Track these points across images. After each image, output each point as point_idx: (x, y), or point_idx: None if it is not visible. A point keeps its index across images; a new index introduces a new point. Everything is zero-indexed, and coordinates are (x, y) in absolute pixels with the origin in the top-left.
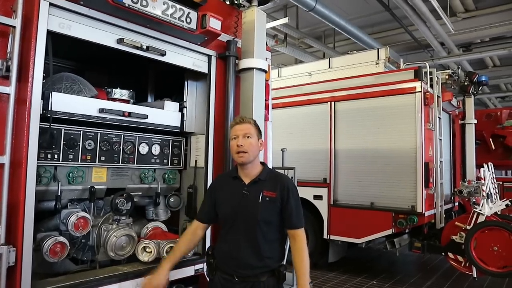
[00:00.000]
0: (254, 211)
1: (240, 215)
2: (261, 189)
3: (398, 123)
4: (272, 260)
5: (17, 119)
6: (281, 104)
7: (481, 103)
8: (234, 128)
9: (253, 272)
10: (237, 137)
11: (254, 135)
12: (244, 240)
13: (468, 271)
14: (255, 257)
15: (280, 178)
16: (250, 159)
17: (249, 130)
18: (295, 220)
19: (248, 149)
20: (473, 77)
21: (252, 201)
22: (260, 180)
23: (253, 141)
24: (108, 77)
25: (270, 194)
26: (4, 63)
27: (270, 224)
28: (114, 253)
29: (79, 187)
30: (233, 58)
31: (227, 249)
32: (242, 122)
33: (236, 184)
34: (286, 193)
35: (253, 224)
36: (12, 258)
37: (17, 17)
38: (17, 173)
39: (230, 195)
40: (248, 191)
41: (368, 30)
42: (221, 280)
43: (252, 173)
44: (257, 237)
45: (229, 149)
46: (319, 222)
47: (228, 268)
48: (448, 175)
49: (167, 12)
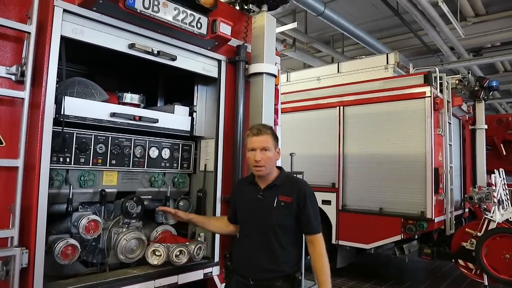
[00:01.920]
0: (268, 216)
1: (255, 220)
2: (276, 194)
3: (408, 128)
4: (287, 265)
5: (31, 123)
6: (289, 108)
7: (491, 108)
8: (251, 140)
9: (267, 276)
10: (254, 150)
11: (271, 147)
12: (260, 245)
13: (479, 278)
14: (270, 261)
15: (297, 183)
16: (267, 172)
17: (267, 144)
18: (313, 225)
19: (265, 163)
20: (483, 82)
21: (267, 205)
22: (275, 185)
23: (270, 154)
24: (119, 81)
25: (286, 199)
26: (19, 68)
27: (285, 228)
28: (124, 256)
29: (90, 190)
30: (243, 63)
31: (243, 253)
32: (260, 134)
33: (252, 189)
34: (303, 198)
35: (268, 228)
36: (25, 260)
37: (32, 23)
38: (31, 176)
39: (247, 200)
40: (263, 196)
41: (377, 34)
42: (237, 283)
43: (268, 178)
44: (272, 242)
45: (239, 153)
46: (328, 227)
47: (244, 271)
48: (458, 181)
49: (178, 18)
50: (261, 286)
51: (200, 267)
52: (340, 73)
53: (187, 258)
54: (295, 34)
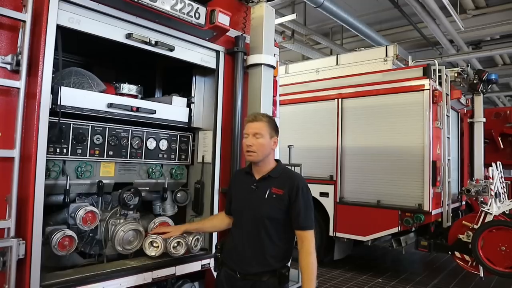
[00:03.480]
0: (259, 207)
1: (246, 210)
2: (269, 185)
3: (406, 120)
4: (275, 260)
5: (27, 113)
6: (288, 100)
7: (490, 102)
8: (247, 126)
9: (254, 270)
10: (247, 136)
11: (265, 134)
12: (249, 236)
13: (475, 270)
14: (257, 254)
15: (291, 176)
16: (259, 158)
17: (260, 130)
18: (303, 221)
19: (256, 149)
20: (482, 75)
21: (258, 196)
22: (270, 177)
23: (263, 141)
24: (116, 72)
25: (278, 191)
26: (14, 57)
27: (275, 221)
28: (121, 247)
29: (87, 182)
30: (241, 54)
31: (232, 244)
32: (255, 120)
33: (247, 179)
34: (295, 192)
35: (258, 220)
36: (22, 251)
37: (27, 12)
38: (27, 167)
39: (241, 190)
40: (256, 187)
41: (377, 27)
42: (225, 275)
43: (263, 169)
44: (261, 235)
45: (237, 145)
46: (325, 219)
47: (232, 264)
48: (455, 173)
49: (176, 7)
50: (247, 280)
51: (198, 259)
52: (339, 65)
53: (184, 249)
54: (294, 26)
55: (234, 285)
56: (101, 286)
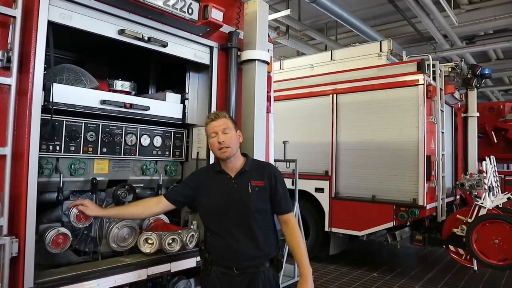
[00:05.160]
0: (246, 202)
1: (231, 208)
2: (248, 179)
3: (400, 116)
4: (270, 248)
5: (19, 110)
6: (282, 96)
7: (483, 96)
8: (210, 125)
9: (253, 262)
10: (216, 133)
11: (232, 129)
12: (240, 232)
13: (468, 263)
14: (254, 246)
15: (265, 166)
16: (233, 152)
17: (227, 125)
18: (285, 205)
19: (229, 143)
20: (476, 70)
21: (242, 192)
22: (246, 171)
23: (232, 135)
24: (109, 68)
25: (258, 183)
26: (5, 54)
27: (263, 212)
28: (116, 244)
29: (81, 179)
30: (235, 50)
31: (224, 243)
32: (218, 118)
33: (221, 178)
34: (274, 180)
35: (247, 214)
36: (15, 249)
37: (17, 7)
38: (19, 164)
39: (217, 189)
40: (236, 183)
41: (371, 22)
42: (218, 274)
43: (236, 165)
44: (253, 227)
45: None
46: (320, 214)
47: (226, 261)
48: (449, 168)
49: (169, 3)
50: (246, 274)
51: (193, 255)
52: (333, 60)
53: (179, 246)
54: (288, 22)
55: (231, 281)
56: (96, 283)
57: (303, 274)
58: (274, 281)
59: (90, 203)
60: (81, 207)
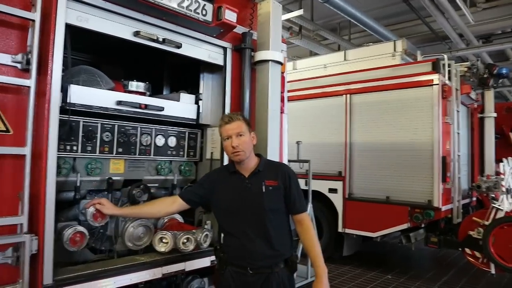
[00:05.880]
0: (260, 202)
1: (245, 208)
2: (262, 179)
3: (415, 116)
4: (284, 248)
5: (37, 111)
6: (296, 97)
7: (501, 96)
8: (224, 128)
9: (268, 262)
10: (230, 137)
11: (246, 132)
12: (255, 232)
13: (486, 267)
14: (268, 246)
15: (279, 166)
16: (246, 156)
17: (241, 128)
18: (299, 205)
19: (243, 147)
20: (493, 69)
21: (256, 192)
22: (259, 171)
23: (246, 138)
24: (124, 69)
25: (272, 183)
26: (24, 56)
27: (276, 212)
28: (131, 243)
29: (97, 178)
30: (248, 50)
31: (238, 243)
32: (232, 121)
33: (235, 178)
34: (288, 180)
35: (261, 214)
36: (35, 246)
37: (36, 11)
38: (38, 164)
39: (231, 189)
40: (250, 183)
41: (384, 21)
42: (232, 274)
43: (250, 166)
44: (267, 227)
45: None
46: (334, 215)
47: (241, 261)
48: (466, 169)
49: (183, 4)
50: (261, 274)
51: (207, 255)
52: (346, 60)
53: (194, 245)
54: (301, 22)
55: (245, 282)
56: (112, 281)
57: (318, 274)
58: (288, 282)
59: (106, 202)
60: (98, 206)
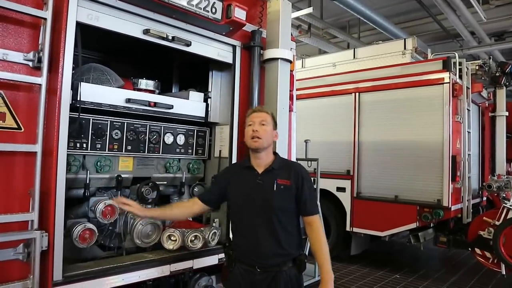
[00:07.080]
0: (269, 200)
1: (255, 205)
2: (275, 177)
3: (425, 115)
4: (292, 248)
5: (48, 109)
6: (304, 95)
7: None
8: (251, 116)
9: (274, 261)
10: (253, 123)
11: (269, 123)
12: (262, 230)
13: (496, 267)
14: (275, 245)
15: (293, 166)
16: (263, 145)
17: (266, 119)
18: (310, 207)
19: (262, 135)
20: (505, 67)
21: (266, 190)
22: (273, 169)
23: (268, 128)
24: (134, 67)
25: (285, 182)
26: (36, 54)
27: (286, 211)
28: (140, 240)
29: (106, 176)
30: (258, 48)
31: (245, 241)
32: (260, 111)
33: (249, 173)
34: (301, 181)
35: (270, 212)
36: (45, 243)
37: (48, 9)
38: (49, 161)
39: (243, 185)
40: (262, 180)
41: (395, 19)
42: (241, 271)
43: (265, 162)
44: (275, 226)
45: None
46: (342, 214)
47: (248, 259)
48: (476, 168)
49: (193, 2)
50: (268, 272)
51: (215, 252)
52: (356, 59)
53: (202, 243)
54: (311, 20)
55: (253, 280)
56: (121, 278)
57: (324, 279)
58: (296, 281)
59: (133, 203)
60: (128, 208)
